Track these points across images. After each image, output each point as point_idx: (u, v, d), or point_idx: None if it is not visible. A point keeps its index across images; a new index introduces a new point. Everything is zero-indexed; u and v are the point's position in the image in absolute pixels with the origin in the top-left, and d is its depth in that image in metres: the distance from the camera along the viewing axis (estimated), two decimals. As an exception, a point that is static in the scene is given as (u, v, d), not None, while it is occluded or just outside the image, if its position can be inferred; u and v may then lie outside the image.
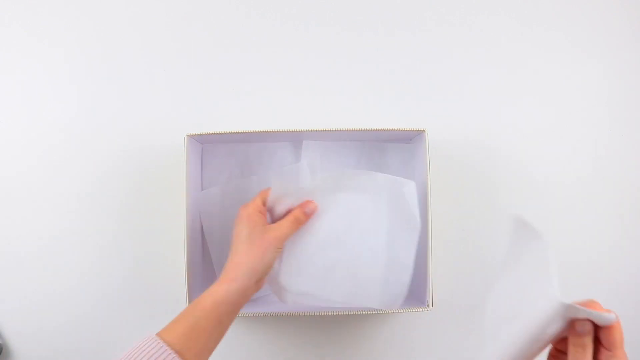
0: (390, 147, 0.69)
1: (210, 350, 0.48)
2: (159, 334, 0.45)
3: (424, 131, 0.61)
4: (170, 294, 0.68)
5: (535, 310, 0.38)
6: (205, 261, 0.68)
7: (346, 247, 0.58)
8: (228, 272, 0.50)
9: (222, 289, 0.49)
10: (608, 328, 0.36)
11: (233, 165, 0.69)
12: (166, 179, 0.69)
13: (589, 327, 0.36)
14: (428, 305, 0.60)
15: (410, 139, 0.67)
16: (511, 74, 0.72)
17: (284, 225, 0.54)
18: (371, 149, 0.69)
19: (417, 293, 0.68)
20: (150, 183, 0.70)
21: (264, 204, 0.55)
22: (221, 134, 0.61)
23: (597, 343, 0.37)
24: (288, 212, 0.56)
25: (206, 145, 0.69)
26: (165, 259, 0.69)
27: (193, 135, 0.61)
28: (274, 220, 0.56)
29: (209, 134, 0.61)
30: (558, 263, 0.43)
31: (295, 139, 0.68)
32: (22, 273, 0.69)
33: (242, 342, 0.69)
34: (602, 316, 0.35)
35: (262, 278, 0.53)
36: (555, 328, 0.37)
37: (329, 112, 0.71)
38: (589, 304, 0.37)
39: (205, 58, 0.71)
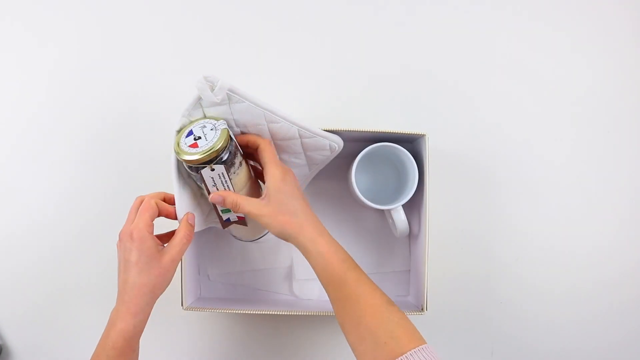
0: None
1: None
2: None
3: (424, 135, 0.61)
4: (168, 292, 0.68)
5: None
6: (199, 257, 0.69)
7: None
8: (129, 305, 0.49)
9: (129, 325, 0.49)
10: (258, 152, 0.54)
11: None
12: (161, 174, 0.69)
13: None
14: (423, 309, 0.60)
15: (411, 141, 0.67)
16: (511, 76, 0.72)
17: (177, 245, 0.51)
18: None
19: (412, 297, 0.68)
20: (144, 177, 0.70)
21: (152, 218, 0.52)
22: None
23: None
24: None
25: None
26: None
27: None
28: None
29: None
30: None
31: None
32: (23, 274, 0.70)
33: (239, 340, 0.70)
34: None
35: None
36: None
37: (330, 112, 0.72)
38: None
39: (206, 56, 0.72)
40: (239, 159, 0.54)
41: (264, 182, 0.54)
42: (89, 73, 0.71)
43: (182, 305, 0.59)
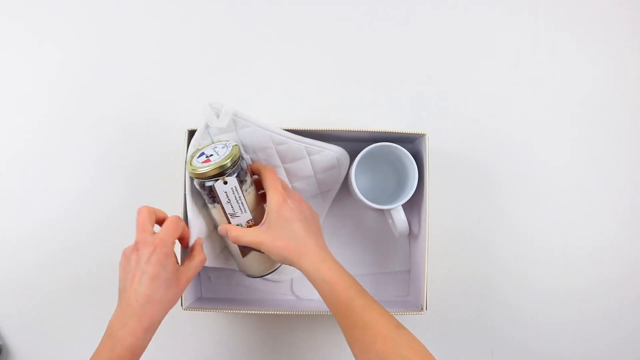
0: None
1: None
2: None
3: (424, 135, 0.61)
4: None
5: None
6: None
7: None
8: (142, 320, 0.48)
9: (139, 340, 0.48)
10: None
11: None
12: (166, 175, 0.69)
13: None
14: (423, 309, 0.60)
15: (411, 141, 0.67)
16: (511, 76, 0.72)
17: (194, 267, 0.53)
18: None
19: (412, 297, 0.68)
20: (149, 179, 0.70)
21: (177, 237, 0.53)
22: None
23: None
24: None
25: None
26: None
27: (193, 130, 0.61)
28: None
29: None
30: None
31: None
32: (23, 273, 0.69)
33: (239, 340, 0.70)
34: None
35: None
36: None
37: (330, 112, 0.72)
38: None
39: (207, 55, 0.72)
40: (249, 178, 0.55)
41: None
42: (93, 74, 0.71)
43: (182, 305, 0.59)
